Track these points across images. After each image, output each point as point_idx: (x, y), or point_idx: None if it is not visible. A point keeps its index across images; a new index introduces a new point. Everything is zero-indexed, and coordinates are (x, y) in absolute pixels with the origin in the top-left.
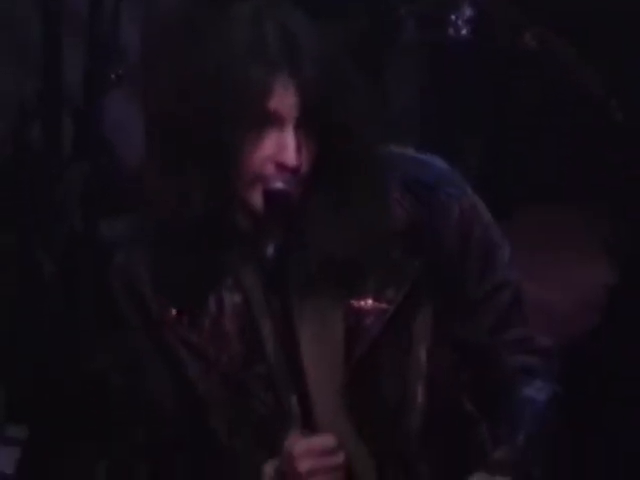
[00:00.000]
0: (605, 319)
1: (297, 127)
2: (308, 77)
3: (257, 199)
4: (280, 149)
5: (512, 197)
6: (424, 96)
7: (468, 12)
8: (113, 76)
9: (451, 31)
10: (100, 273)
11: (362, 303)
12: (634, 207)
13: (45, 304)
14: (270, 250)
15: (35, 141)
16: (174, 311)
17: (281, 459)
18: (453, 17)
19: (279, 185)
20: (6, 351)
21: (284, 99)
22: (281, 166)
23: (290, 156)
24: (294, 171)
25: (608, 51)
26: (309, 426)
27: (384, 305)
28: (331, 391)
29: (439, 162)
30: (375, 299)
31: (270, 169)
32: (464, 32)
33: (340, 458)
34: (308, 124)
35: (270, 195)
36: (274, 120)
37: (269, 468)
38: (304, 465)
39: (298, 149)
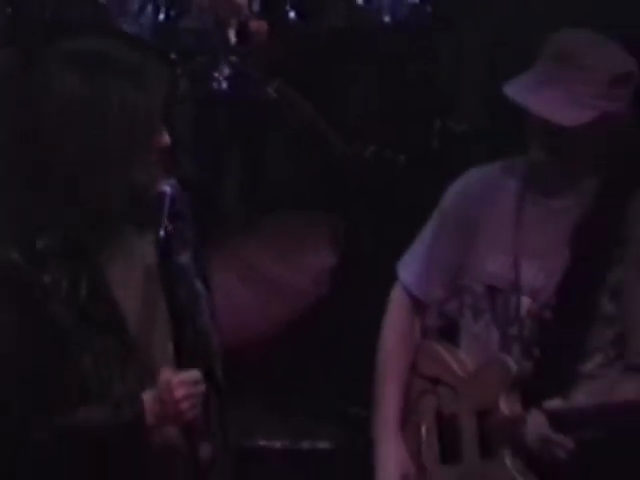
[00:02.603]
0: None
1: None
2: None
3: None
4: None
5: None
6: (195, 141)
7: (226, 71)
8: None
9: (214, 85)
10: None
11: None
12: (349, 214)
13: None
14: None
15: None
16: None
17: (158, 388)
18: (216, 74)
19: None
20: None
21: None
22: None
23: (167, 138)
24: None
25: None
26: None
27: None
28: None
29: None
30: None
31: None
32: (224, 86)
33: (203, 387)
34: None
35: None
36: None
37: (148, 396)
38: (180, 392)
39: None
